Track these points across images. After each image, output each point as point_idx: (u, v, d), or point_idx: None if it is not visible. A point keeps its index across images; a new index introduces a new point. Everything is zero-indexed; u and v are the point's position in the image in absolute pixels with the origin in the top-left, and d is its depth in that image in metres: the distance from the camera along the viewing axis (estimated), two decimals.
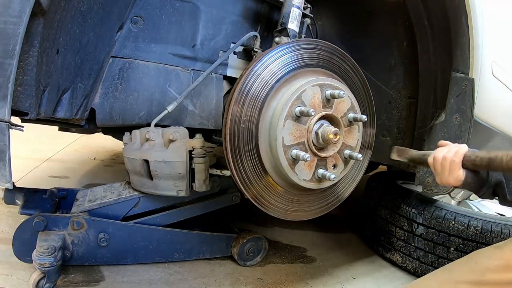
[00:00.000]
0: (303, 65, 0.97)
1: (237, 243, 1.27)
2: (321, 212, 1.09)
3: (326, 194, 1.08)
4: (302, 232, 1.65)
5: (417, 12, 1.17)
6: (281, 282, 1.24)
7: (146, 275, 1.17)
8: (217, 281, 1.19)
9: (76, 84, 0.96)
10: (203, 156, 1.09)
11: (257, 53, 1.18)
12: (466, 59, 1.08)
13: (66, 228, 1.07)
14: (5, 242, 1.22)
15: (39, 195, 1.22)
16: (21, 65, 0.71)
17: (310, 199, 1.04)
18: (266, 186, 0.96)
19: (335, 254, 1.49)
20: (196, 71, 1.19)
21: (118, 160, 2.47)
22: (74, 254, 1.09)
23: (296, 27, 1.12)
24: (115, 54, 1.07)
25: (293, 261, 1.39)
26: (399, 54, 1.29)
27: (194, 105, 1.20)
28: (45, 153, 2.37)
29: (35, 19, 0.70)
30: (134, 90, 1.11)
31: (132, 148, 1.13)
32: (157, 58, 1.13)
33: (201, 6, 1.15)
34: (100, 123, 1.09)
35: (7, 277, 1.07)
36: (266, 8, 1.28)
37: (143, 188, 1.16)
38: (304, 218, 1.06)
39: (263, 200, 0.96)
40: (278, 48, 0.95)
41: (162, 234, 1.20)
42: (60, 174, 2.03)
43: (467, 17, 1.04)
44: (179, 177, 1.09)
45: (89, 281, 1.11)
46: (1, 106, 0.65)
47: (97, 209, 1.15)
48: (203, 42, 1.18)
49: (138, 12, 1.07)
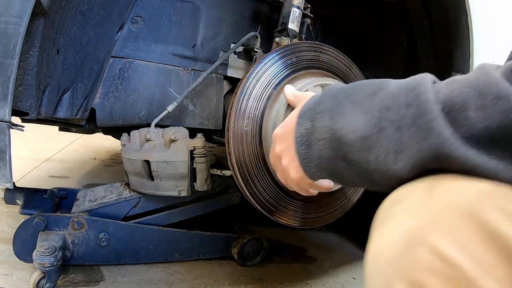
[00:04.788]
0: (303, 67, 0.97)
1: (237, 243, 1.27)
2: (334, 217, 1.08)
3: (337, 197, 1.06)
4: (302, 232, 1.65)
5: (417, 12, 1.18)
6: (281, 282, 1.24)
7: (146, 275, 1.17)
8: (217, 281, 1.19)
9: (76, 84, 0.96)
10: (204, 155, 1.09)
11: (257, 53, 1.18)
12: (466, 59, 1.08)
13: (67, 228, 1.07)
14: (5, 242, 1.22)
15: (39, 195, 1.22)
16: (21, 65, 0.71)
17: (321, 204, 1.03)
18: (272, 188, 0.95)
19: (335, 254, 1.49)
20: (196, 71, 1.19)
21: (118, 160, 2.47)
22: (74, 254, 1.09)
23: (296, 27, 1.13)
24: (115, 54, 1.07)
25: (293, 261, 1.39)
26: (399, 54, 1.29)
27: (194, 105, 1.20)
28: (45, 153, 2.37)
29: (35, 19, 0.70)
30: (134, 90, 1.11)
31: (132, 149, 1.13)
32: (158, 58, 1.13)
33: (202, 6, 1.15)
34: (101, 123, 1.09)
35: (7, 277, 1.07)
36: (266, 8, 1.28)
37: (143, 189, 1.16)
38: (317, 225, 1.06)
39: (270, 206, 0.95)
40: (278, 50, 0.95)
41: (162, 234, 1.20)
42: (60, 174, 2.03)
43: (467, 17, 1.04)
44: (181, 177, 1.10)
45: (89, 281, 1.11)
46: (2, 106, 0.65)
47: (98, 209, 1.15)
48: (203, 42, 1.18)
49: (138, 12, 1.08)
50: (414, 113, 0.39)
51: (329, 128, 0.47)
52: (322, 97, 0.51)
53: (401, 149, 0.39)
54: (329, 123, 0.47)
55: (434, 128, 0.36)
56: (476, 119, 0.35)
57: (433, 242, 0.32)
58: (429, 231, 0.33)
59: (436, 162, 0.37)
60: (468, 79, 0.37)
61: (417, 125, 0.38)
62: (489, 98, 0.34)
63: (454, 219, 0.32)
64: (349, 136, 0.44)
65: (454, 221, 0.32)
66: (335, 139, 0.46)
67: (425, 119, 0.37)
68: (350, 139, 0.44)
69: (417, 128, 0.38)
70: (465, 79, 0.38)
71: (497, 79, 0.35)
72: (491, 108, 0.34)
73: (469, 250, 0.31)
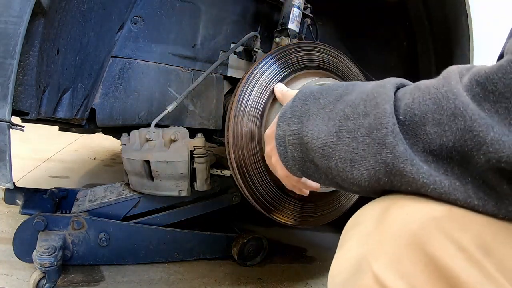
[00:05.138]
0: (303, 66, 0.97)
1: (237, 243, 1.27)
2: (333, 217, 1.08)
3: (336, 197, 1.06)
4: (302, 232, 1.65)
5: (417, 12, 1.18)
6: (281, 282, 1.24)
7: (146, 275, 1.17)
8: (217, 281, 1.19)
9: (76, 84, 0.96)
10: (204, 155, 1.09)
11: (257, 53, 1.18)
12: (466, 59, 1.08)
13: (67, 228, 1.07)
14: (5, 242, 1.22)
15: (40, 195, 1.22)
16: (21, 65, 0.71)
17: (320, 203, 1.03)
18: (271, 188, 0.95)
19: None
20: (196, 71, 1.19)
21: (118, 160, 2.47)
22: (74, 254, 1.09)
23: (296, 27, 1.13)
24: (115, 54, 1.07)
25: (293, 261, 1.39)
26: (399, 54, 1.29)
27: (194, 105, 1.20)
28: (45, 153, 2.37)
29: (35, 19, 0.70)
30: (134, 90, 1.11)
31: (132, 149, 1.12)
32: (158, 58, 1.13)
33: (202, 6, 1.15)
34: (101, 123, 1.09)
35: (7, 277, 1.07)
36: (267, 8, 1.28)
37: (143, 189, 1.16)
38: (317, 224, 1.06)
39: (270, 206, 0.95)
40: (278, 50, 0.95)
41: (162, 234, 1.20)
42: (60, 174, 2.03)
43: (467, 17, 1.04)
44: (181, 177, 1.10)
45: (89, 281, 1.11)
46: (2, 106, 0.65)
47: (98, 209, 1.15)
48: (203, 42, 1.18)
49: (138, 12, 1.07)
50: (371, 124, 0.38)
51: (297, 132, 0.48)
52: (294, 101, 0.52)
53: (356, 159, 0.39)
54: (297, 127, 0.49)
55: (388, 144, 0.36)
56: (434, 135, 0.33)
57: (377, 271, 0.32)
58: (375, 260, 0.33)
59: (389, 177, 0.36)
60: (430, 88, 0.36)
61: (372, 138, 0.38)
62: (445, 114, 0.33)
63: (398, 248, 0.32)
64: (313, 142, 0.45)
65: (398, 250, 0.32)
66: (302, 143, 0.47)
67: (380, 133, 0.37)
68: (314, 145, 0.45)
69: (372, 140, 0.38)
70: (427, 88, 0.36)
71: (456, 92, 0.33)
72: (447, 125, 0.32)
73: (410, 280, 0.31)
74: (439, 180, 0.33)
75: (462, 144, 0.31)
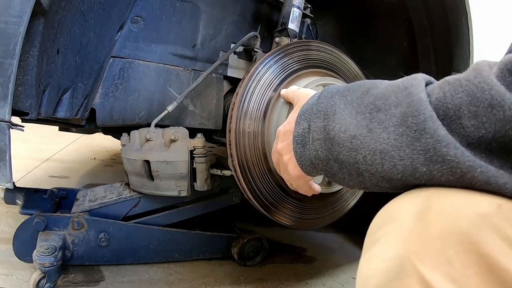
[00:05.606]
0: (305, 66, 0.97)
1: (237, 243, 1.27)
2: (334, 218, 1.07)
3: (337, 198, 1.06)
4: (302, 232, 1.65)
5: (417, 12, 1.18)
6: (281, 282, 1.24)
7: (146, 275, 1.17)
8: (217, 281, 1.19)
9: (76, 84, 0.96)
10: (204, 155, 1.09)
11: (257, 53, 1.18)
12: (466, 59, 1.08)
13: (67, 228, 1.07)
14: (5, 242, 1.22)
15: (39, 195, 1.22)
16: (21, 65, 0.71)
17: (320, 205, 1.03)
18: (273, 189, 0.94)
19: (335, 254, 1.49)
20: (196, 71, 1.19)
21: (118, 160, 2.47)
22: (74, 254, 1.09)
23: (296, 27, 1.13)
24: (115, 54, 1.07)
25: (293, 261, 1.39)
26: (399, 54, 1.29)
27: (194, 105, 1.20)
28: (45, 153, 2.37)
29: (35, 19, 0.70)
30: (134, 90, 1.11)
31: (132, 149, 1.12)
32: (158, 58, 1.13)
33: (202, 6, 1.15)
34: (101, 123, 1.09)
35: (7, 277, 1.07)
36: (267, 8, 1.28)
37: (143, 189, 1.16)
38: (316, 226, 1.05)
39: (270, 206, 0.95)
40: (279, 49, 0.95)
41: (162, 234, 1.20)
42: (60, 174, 2.03)
43: (467, 17, 1.04)
44: (181, 177, 1.10)
45: (89, 281, 1.11)
46: (2, 106, 0.65)
47: (98, 209, 1.15)
48: (203, 42, 1.18)
49: (138, 12, 1.07)
50: (404, 112, 0.37)
51: (323, 128, 0.47)
52: (320, 98, 0.51)
53: (386, 149, 0.38)
54: (323, 123, 0.47)
55: (427, 128, 0.34)
56: (471, 128, 0.32)
57: (424, 274, 0.29)
58: (421, 261, 0.30)
59: (428, 165, 0.34)
60: (461, 80, 0.35)
61: (407, 126, 0.36)
62: (482, 106, 0.32)
63: (447, 249, 0.29)
64: (340, 136, 0.44)
65: (447, 251, 0.29)
66: (328, 139, 0.46)
67: (417, 119, 0.35)
68: (341, 139, 0.44)
69: (407, 128, 0.36)
70: (458, 80, 0.35)
71: (490, 83, 0.32)
72: (485, 117, 0.31)
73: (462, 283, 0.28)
74: (485, 164, 0.32)
75: (503, 134, 0.30)
